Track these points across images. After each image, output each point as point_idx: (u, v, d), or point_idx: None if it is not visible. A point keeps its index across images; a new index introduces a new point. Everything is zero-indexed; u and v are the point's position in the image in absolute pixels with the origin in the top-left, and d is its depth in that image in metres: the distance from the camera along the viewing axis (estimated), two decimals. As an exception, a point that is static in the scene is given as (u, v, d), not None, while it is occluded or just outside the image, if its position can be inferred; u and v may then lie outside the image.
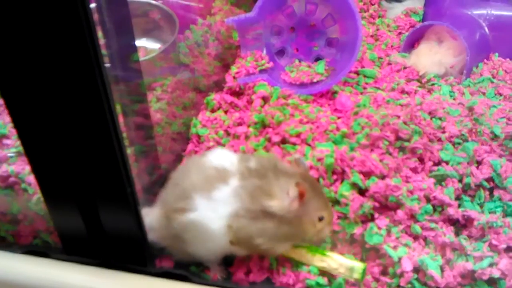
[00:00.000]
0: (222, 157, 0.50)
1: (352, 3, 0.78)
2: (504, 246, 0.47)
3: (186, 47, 0.78)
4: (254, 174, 0.47)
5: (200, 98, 0.78)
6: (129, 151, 0.60)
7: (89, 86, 0.41)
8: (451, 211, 0.51)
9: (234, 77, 0.81)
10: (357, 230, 0.53)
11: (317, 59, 0.87)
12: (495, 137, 0.60)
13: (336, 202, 0.56)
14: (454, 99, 0.76)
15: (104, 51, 0.53)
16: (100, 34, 0.51)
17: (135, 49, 0.57)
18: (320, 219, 0.48)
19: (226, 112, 0.73)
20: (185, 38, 0.81)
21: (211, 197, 0.47)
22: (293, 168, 0.49)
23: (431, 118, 0.63)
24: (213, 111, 0.74)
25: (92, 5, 0.50)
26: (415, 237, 0.51)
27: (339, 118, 0.71)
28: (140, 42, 0.81)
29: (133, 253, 0.52)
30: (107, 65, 0.53)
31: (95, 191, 0.49)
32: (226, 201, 0.46)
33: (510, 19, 0.85)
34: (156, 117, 0.68)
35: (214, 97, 0.74)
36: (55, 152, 0.46)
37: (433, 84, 0.80)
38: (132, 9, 0.77)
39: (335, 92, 0.79)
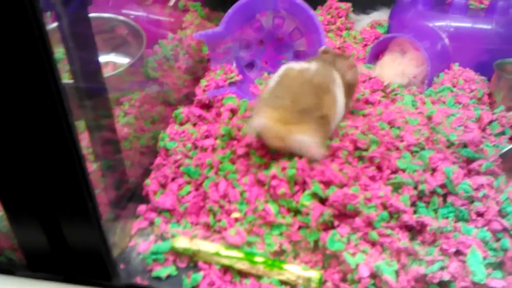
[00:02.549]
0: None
1: (316, 18, 0.80)
2: (453, 250, 0.49)
3: (154, 62, 0.79)
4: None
5: (170, 111, 0.79)
6: (95, 166, 0.61)
7: (46, 103, 0.42)
8: (405, 217, 0.53)
9: (203, 90, 0.83)
10: (319, 237, 0.55)
11: (286, 71, 0.89)
12: (451, 145, 0.62)
13: (297, 212, 0.57)
14: (416, 108, 0.79)
15: (67, 67, 0.54)
16: (63, 51, 0.52)
17: (98, 65, 0.58)
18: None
19: (194, 125, 0.75)
20: (154, 52, 0.82)
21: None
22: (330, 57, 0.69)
23: (390, 128, 0.66)
24: (181, 124, 0.75)
25: (54, 25, 0.52)
26: (373, 244, 0.53)
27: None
28: (108, 57, 0.82)
29: (97, 268, 0.53)
30: (70, 81, 0.54)
31: (57, 207, 0.49)
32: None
33: (468, 30, 0.89)
34: (124, 131, 0.69)
35: (182, 111, 0.75)
36: (16, 169, 0.47)
37: (396, 94, 0.82)
38: (98, 24, 0.78)
39: (302, 103, 0.80)
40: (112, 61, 0.82)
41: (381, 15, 1.10)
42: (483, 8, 0.95)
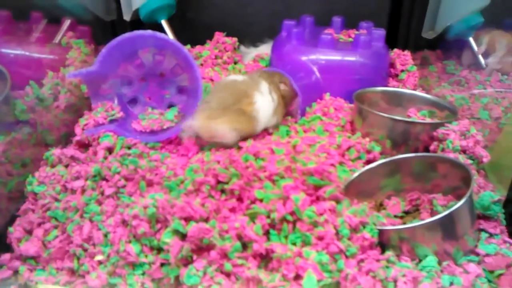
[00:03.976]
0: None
1: (190, 57, 0.84)
2: (293, 275, 0.53)
3: (23, 104, 0.78)
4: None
5: (45, 152, 0.77)
6: None
7: None
8: (255, 246, 0.56)
9: (82, 129, 0.83)
10: (179, 273, 0.56)
11: (171, 105, 0.92)
12: (307, 172, 0.68)
13: (160, 249, 0.59)
14: (290, 137, 0.84)
15: None
16: None
17: None
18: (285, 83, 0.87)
19: (66, 166, 0.74)
20: (25, 94, 0.81)
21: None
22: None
23: (255, 159, 0.70)
24: (52, 166, 0.74)
25: None
26: (228, 274, 0.56)
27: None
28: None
29: None
30: None
31: None
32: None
33: (337, 62, 0.98)
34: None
35: (53, 152, 0.74)
36: None
37: (274, 124, 0.88)
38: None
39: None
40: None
41: (268, 48, 1.17)
42: (351, 42, 1.04)
